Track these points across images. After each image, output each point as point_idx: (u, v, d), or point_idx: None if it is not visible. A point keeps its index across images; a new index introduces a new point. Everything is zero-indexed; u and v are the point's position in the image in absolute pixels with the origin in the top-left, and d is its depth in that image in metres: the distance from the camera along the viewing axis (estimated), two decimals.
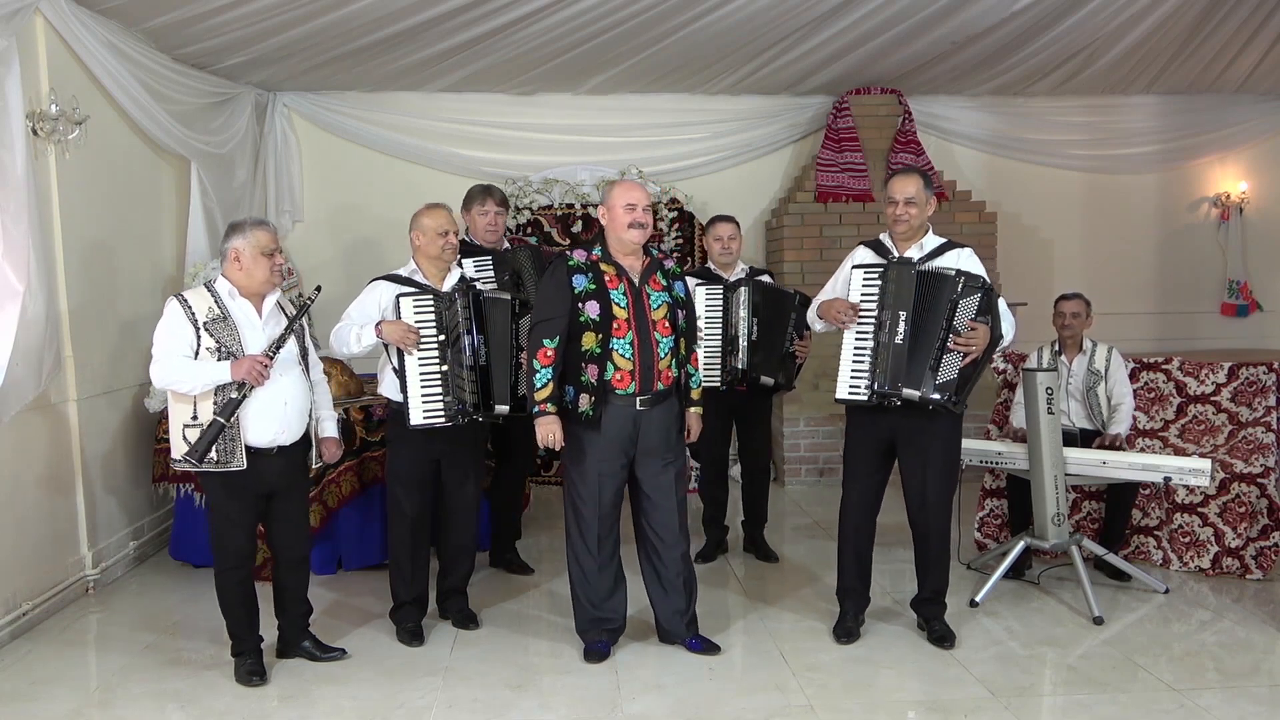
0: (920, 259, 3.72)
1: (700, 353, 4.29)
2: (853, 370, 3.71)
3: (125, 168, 5.11)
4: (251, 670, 3.55)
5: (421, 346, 3.74)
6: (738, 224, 4.92)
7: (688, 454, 4.19)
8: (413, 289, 3.81)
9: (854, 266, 3.80)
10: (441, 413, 3.75)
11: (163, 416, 5.03)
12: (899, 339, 3.62)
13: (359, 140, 6.87)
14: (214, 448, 3.34)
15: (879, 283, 3.70)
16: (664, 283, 3.68)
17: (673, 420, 3.69)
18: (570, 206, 6.83)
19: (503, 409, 3.87)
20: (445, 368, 3.75)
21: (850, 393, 3.71)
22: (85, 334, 4.61)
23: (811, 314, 3.98)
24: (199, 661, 3.79)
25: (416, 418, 3.74)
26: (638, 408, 3.59)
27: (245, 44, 5.40)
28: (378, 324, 3.74)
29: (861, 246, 3.91)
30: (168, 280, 5.52)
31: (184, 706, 3.41)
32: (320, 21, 5.11)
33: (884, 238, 3.88)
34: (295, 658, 3.76)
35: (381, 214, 6.78)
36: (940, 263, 3.71)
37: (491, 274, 4.49)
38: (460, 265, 4.02)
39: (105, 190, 4.88)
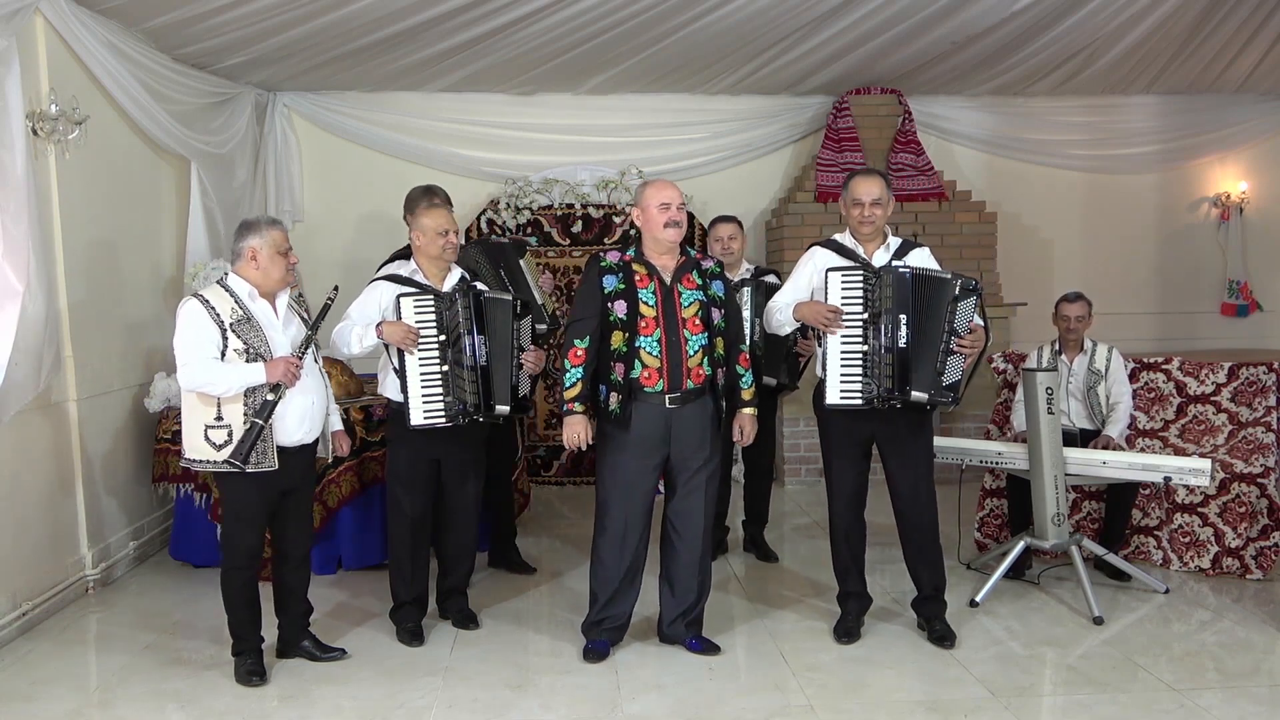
0: (891, 259, 3.72)
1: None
2: (844, 375, 3.67)
3: (125, 168, 5.11)
4: (251, 670, 3.56)
5: (422, 346, 3.74)
6: (740, 224, 4.92)
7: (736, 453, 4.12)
8: (413, 289, 3.82)
9: (830, 270, 3.71)
10: (442, 413, 3.75)
11: (163, 416, 5.04)
12: (902, 343, 3.59)
13: (359, 140, 6.87)
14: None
15: (863, 286, 3.65)
16: (699, 281, 3.67)
17: (707, 419, 3.67)
18: (570, 206, 6.83)
19: (503, 409, 3.86)
20: (446, 368, 3.75)
21: (844, 397, 3.67)
22: (85, 334, 4.61)
23: (778, 317, 3.86)
24: (199, 661, 3.79)
25: (417, 418, 3.74)
26: (667, 406, 3.59)
27: (245, 44, 5.40)
28: (378, 325, 3.75)
29: (819, 249, 3.86)
30: (168, 280, 5.52)
31: (184, 706, 3.41)
32: (320, 21, 5.11)
33: (843, 238, 3.84)
34: (295, 658, 3.76)
35: (382, 214, 6.77)
36: (910, 262, 3.71)
37: (464, 275, 4.46)
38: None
39: (105, 190, 4.88)
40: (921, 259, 3.76)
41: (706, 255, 3.79)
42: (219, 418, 3.39)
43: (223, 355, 3.39)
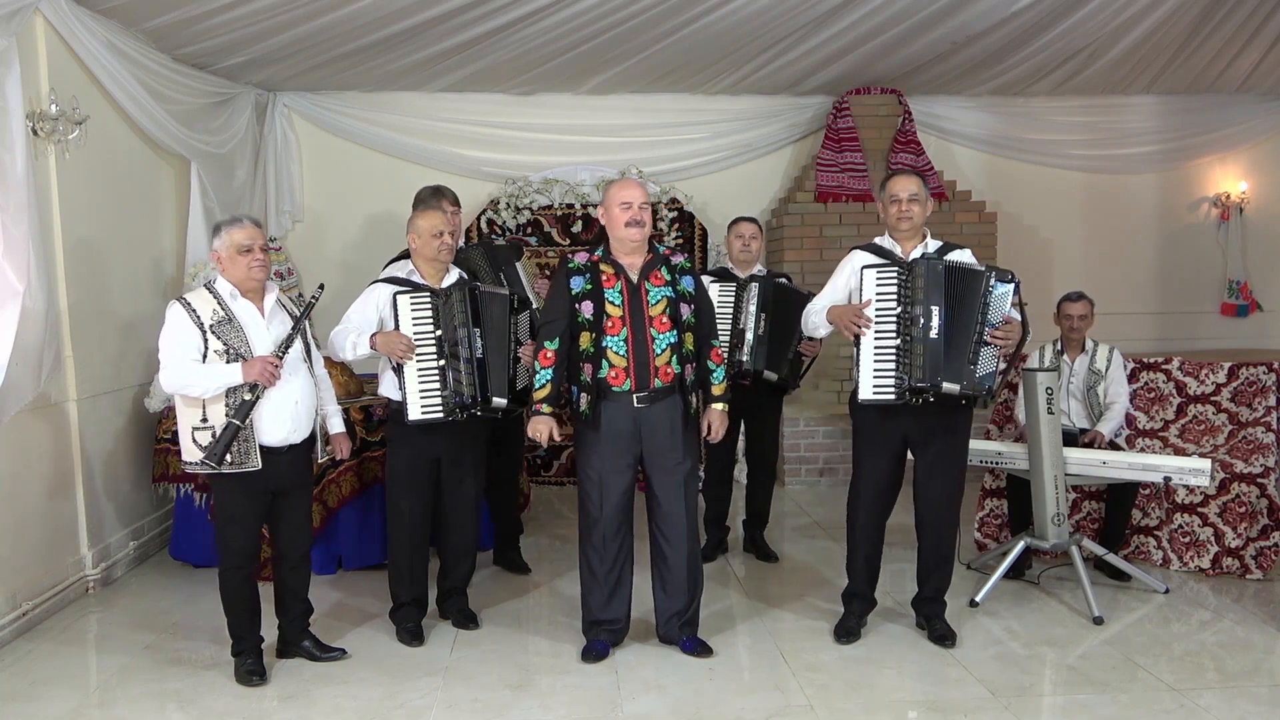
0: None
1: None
2: (876, 370, 3.64)
3: (125, 168, 5.11)
4: (251, 670, 3.56)
5: (419, 341, 3.75)
6: (760, 225, 4.95)
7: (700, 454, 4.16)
8: (409, 288, 3.82)
9: (865, 267, 3.71)
10: (439, 407, 3.75)
11: (163, 416, 5.05)
12: (934, 334, 3.57)
13: (359, 140, 6.86)
14: (230, 449, 3.37)
15: (897, 280, 3.63)
16: (667, 277, 3.66)
17: (678, 418, 3.66)
18: (570, 206, 6.83)
19: (500, 402, 3.85)
20: (442, 363, 3.76)
21: (876, 393, 3.64)
22: (85, 334, 4.61)
23: (814, 319, 3.87)
24: (199, 661, 3.79)
25: (414, 413, 3.75)
26: (636, 405, 3.59)
27: (245, 44, 5.40)
28: (372, 335, 3.75)
29: (858, 250, 3.85)
30: (168, 280, 5.52)
31: (184, 706, 3.41)
32: (320, 21, 5.11)
33: (882, 240, 3.84)
34: (295, 658, 3.76)
35: (381, 214, 6.78)
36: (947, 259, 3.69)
37: (463, 275, 4.46)
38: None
39: (105, 190, 4.88)
40: (960, 259, 3.73)
41: (676, 251, 3.78)
42: (204, 419, 3.40)
43: (204, 357, 3.39)
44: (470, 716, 3.31)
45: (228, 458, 3.37)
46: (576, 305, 3.57)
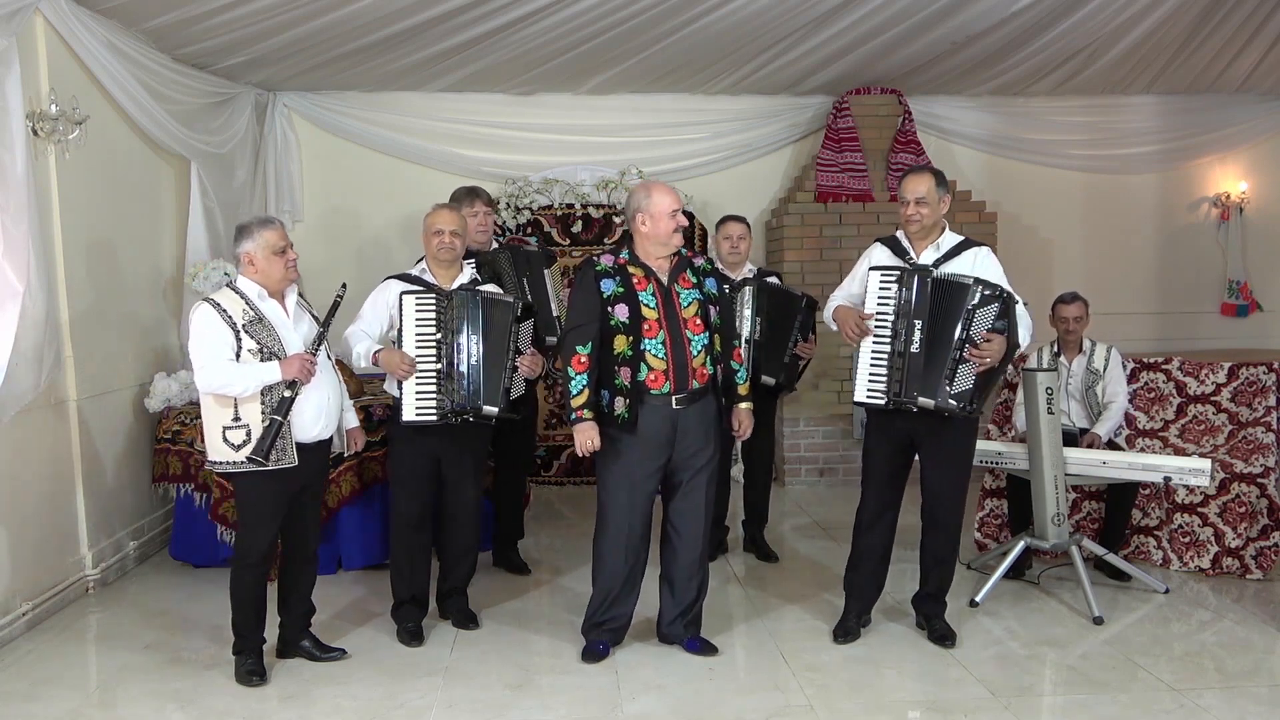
0: (937, 260, 3.71)
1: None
2: (870, 374, 3.71)
3: (125, 168, 5.11)
4: (251, 670, 3.56)
5: (420, 341, 3.76)
6: (748, 224, 4.93)
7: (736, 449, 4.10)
8: (418, 288, 3.84)
9: (871, 268, 3.76)
10: (433, 409, 3.76)
11: (163, 416, 5.05)
12: (914, 348, 3.61)
13: (359, 140, 6.86)
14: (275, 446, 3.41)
15: (895, 288, 3.68)
16: (694, 280, 3.66)
17: (711, 418, 3.67)
18: (570, 206, 6.83)
19: (491, 410, 3.83)
20: (440, 365, 3.77)
21: (868, 396, 3.71)
22: (85, 334, 4.61)
23: (827, 314, 3.95)
24: (199, 661, 3.79)
25: (409, 414, 3.77)
26: (674, 407, 3.57)
27: (245, 44, 5.40)
28: (375, 351, 3.79)
29: (879, 244, 3.89)
30: (168, 280, 5.52)
31: (184, 706, 3.41)
32: (320, 21, 5.11)
33: (901, 235, 3.86)
34: (295, 658, 3.76)
35: (382, 214, 6.78)
36: (957, 263, 3.69)
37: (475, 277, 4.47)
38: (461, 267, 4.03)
39: (105, 190, 4.88)
40: (971, 261, 3.72)
41: (698, 253, 3.78)
42: (236, 418, 3.42)
43: (238, 356, 3.41)
44: (470, 716, 3.31)
45: (272, 454, 3.39)
46: (610, 308, 3.53)
